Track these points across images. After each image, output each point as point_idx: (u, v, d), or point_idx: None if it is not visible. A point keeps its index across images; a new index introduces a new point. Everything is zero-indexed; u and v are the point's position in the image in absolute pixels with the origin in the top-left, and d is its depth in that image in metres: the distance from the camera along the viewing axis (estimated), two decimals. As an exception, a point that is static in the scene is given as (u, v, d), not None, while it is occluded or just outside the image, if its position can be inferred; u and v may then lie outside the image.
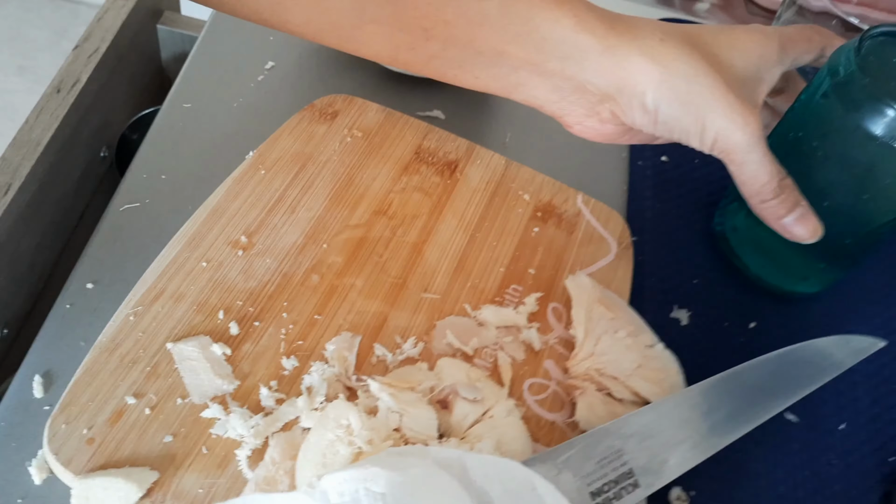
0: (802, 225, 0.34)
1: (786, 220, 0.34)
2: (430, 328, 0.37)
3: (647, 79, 0.32)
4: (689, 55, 0.32)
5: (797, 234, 0.35)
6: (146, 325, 0.35)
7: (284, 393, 0.34)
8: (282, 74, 0.49)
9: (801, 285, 0.44)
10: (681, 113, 0.32)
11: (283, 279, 0.37)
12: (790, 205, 0.34)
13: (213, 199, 0.40)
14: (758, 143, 0.33)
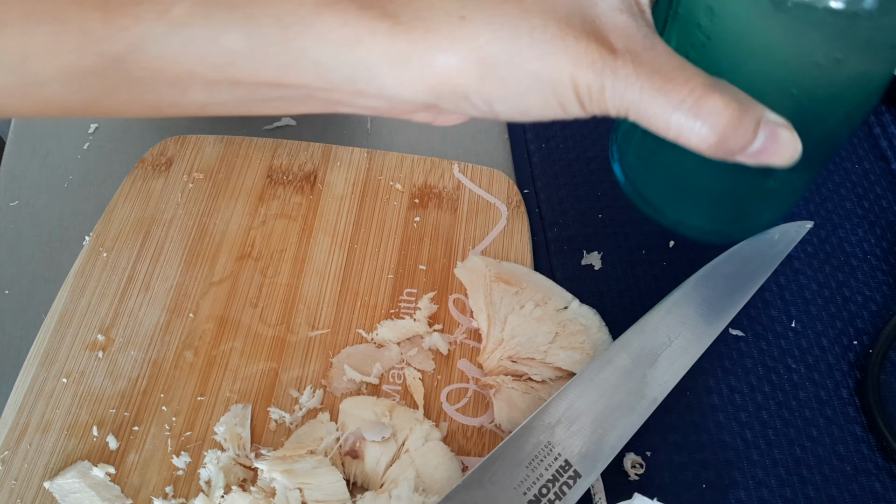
0: (776, 147, 0.23)
1: (751, 150, 0.23)
2: (327, 368, 0.34)
3: (462, 79, 0.22)
4: (500, 25, 0.22)
5: (773, 161, 0.24)
6: (17, 469, 0.31)
7: (183, 496, 0.30)
8: (109, 133, 0.44)
9: (732, 225, 0.34)
10: (522, 101, 0.23)
11: (153, 368, 0.34)
12: (748, 130, 0.22)
13: (58, 304, 0.36)
14: (643, 76, 0.22)
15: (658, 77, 0.22)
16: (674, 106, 0.21)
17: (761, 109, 0.22)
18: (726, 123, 0.21)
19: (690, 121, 0.21)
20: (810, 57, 0.23)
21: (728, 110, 0.21)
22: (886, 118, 0.42)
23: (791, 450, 0.32)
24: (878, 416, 0.33)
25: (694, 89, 0.21)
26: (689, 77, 0.22)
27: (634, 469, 0.31)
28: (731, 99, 0.22)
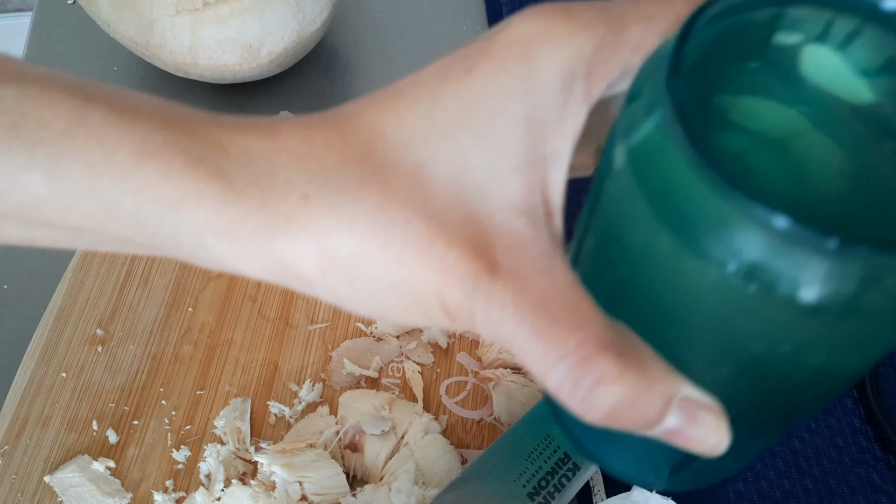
0: (694, 431, 0.17)
1: (661, 430, 0.17)
2: (326, 362, 0.34)
3: (302, 269, 0.17)
4: (348, 214, 0.16)
5: (690, 447, 0.17)
6: (17, 463, 0.31)
7: (183, 490, 0.30)
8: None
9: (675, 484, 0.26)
10: (377, 306, 0.18)
11: (152, 363, 0.34)
12: (652, 407, 0.16)
13: (57, 298, 0.36)
14: (523, 310, 0.16)
15: (542, 315, 0.16)
16: (554, 359, 0.16)
17: (676, 384, 0.16)
18: (618, 399, 0.16)
19: (570, 383, 0.16)
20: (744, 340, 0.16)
21: (623, 382, 0.15)
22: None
23: (789, 441, 0.32)
24: (876, 408, 0.33)
25: (583, 343, 0.16)
26: (580, 324, 0.16)
27: (633, 461, 0.31)
28: (630, 367, 0.16)
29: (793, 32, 0.16)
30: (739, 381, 0.17)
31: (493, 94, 0.16)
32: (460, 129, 0.16)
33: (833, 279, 0.13)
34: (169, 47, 0.40)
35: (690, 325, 0.16)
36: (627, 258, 0.16)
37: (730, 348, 0.16)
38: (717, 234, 0.14)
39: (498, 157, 0.17)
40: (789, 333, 0.15)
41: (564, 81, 0.16)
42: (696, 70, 0.15)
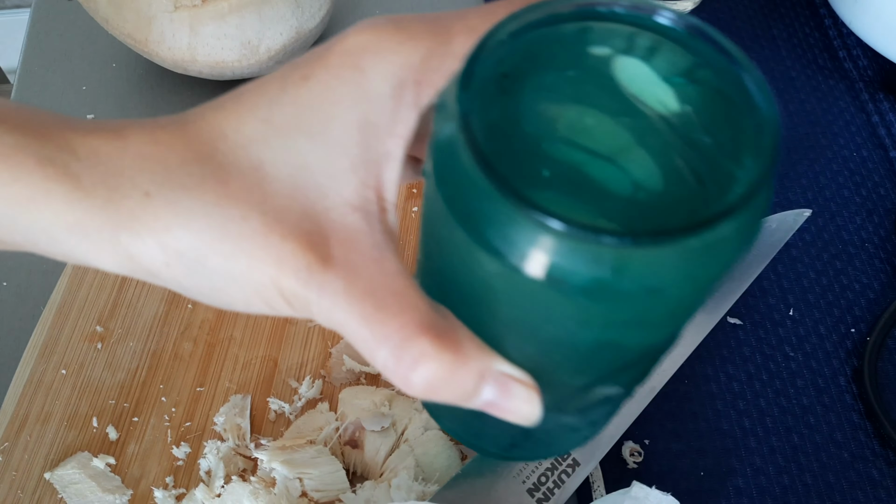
0: (508, 402, 0.19)
1: (479, 402, 0.19)
2: (326, 358, 0.34)
3: (148, 264, 0.18)
4: (186, 210, 0.18)
5: (507, 417, 0.19)
6: (17, 460, 0.31)
7: (183, 486, 0.30)
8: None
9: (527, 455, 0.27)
10: (221, 296, 0.19)
11: (152, 359, 0.34)
12: (467, 381, 0.18)
13: (57, 295, 0.36)
14: (353, 298, 0.18)
15: (369, 302, 0.17)
16: (379, 341, 0.17)
17: (488, 360, 0.18)
18: (433, 374, 0.17)
19: (393, 362, 0.17)
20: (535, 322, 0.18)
21: (438, 359, 0.17)
22: (884, 106, 0.42)
23: (788, 437, 0.32)
24: (876, 404, 0.33)
25: (404, 326, 0.17)
26: (403, 309, 0.17)
27: (633, 457, 0.31)
28: (446, 346, 0.17)
29: (602, 45, 0.17)
30: (544, 357, 0.18)
31: (328, 100, 0.18)
32: (297, 132, 0.18)
33: (586, 265, 0.15)
34: (167, 44, 0.40)
35: (493, 309, 0.18)
36: (440, 250, 0.18)
37: (527, 328, 0.18)
38: (492, 229, 0.15)
39: (334, 158, 0.18)
40: (567, 315, 0.16)
41: (394, 89, 0.18)
42: (514, 78, 0.17)
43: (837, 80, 0.44)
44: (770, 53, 0.45)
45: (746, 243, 0.16)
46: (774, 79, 0.44)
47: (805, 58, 0.45)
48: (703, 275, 0.16)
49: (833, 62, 0.45)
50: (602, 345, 0.18)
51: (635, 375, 0.21)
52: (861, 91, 0.43)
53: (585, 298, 0.15)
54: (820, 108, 0.43)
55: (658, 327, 0.18)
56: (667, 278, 0.15)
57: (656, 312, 0.17)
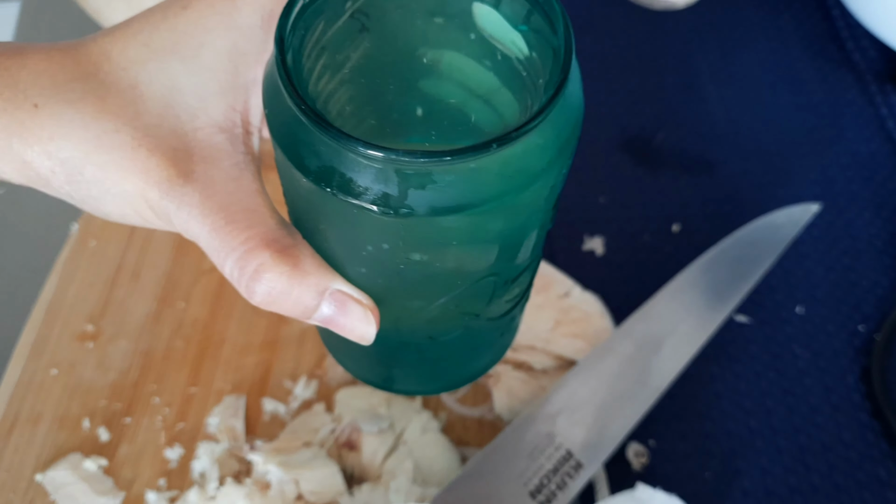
0: (345, 320, 0.20)
1: (318, 317, 0.20)
2: (322, 358, 0.33)
3: (39, 170, 0.20)
4: (67, 121, 0.19)
5: (345, 334, 0.20)
6: (9, 461, 0.31)
7: (177, 488, 0.30)
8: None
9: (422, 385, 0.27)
10: (99, 205, 0.20)
11: (144, 359, 0.33)
12: (305, 296, 0.19)
13: (47, 293, 0.35)
14: (207, 211, 0.19)
15: (221, 215, 0.19)
16: (225, 251, 0.19)
17: (327, 278, 0.19)
18: (272, 285, 0.18)
19: (237, 272, 0.19)
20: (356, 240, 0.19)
21: (277, 271, 0.18)
22: (893, 98, 0.41)
23: (796, 437, 0.32)
24: (884, 403, 0.32)
25: (250, 239, 0.19)
26: (252, 224, 0.19)
27: (638, 458, 0.31)
28: (286, 259, 0.19)
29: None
30: (377, 279, 0.20)
31: (203, 28, 0.20)
32: (173, 56, 0.20)
33: (378, 181, 0.16)
34: (160, 35, 0.39)
35: (323, 230, 0.19)
36: (281, 173, 0.19)
37: (354, 249, 0.19)
38: (299, 146, 0.17)
39: (205, 82, 0.20)
40: (378, 234, 0.18)
41: (264, 21, 0.20)
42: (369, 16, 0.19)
43: (845, 73, 0.43)
44: (777, 45, 0.44)
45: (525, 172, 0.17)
46: (781, 70, 0.43)
47: (812, 49, 0.44)
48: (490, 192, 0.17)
49: (841, 54, 0.44)
50: (418, 266, 0.19)
51: (477, 304, 0.21)
52: (870, 83, 0.42)
53: (386, 216, 0.16)
54: (828, 100, 0.42)
55: (468, 252, 0.19)
56: (452, 198, 0.16)
57: (457, 235, 0.18)
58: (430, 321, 0.21)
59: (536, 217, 0.19)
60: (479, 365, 0.26)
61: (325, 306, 0.19)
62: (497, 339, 0.25)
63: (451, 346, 0.23)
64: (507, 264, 0.20)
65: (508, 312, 0.23)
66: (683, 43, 0.45)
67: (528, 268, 0.22)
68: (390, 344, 0.22)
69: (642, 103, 0.42)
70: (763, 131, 0.41)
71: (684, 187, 0.39)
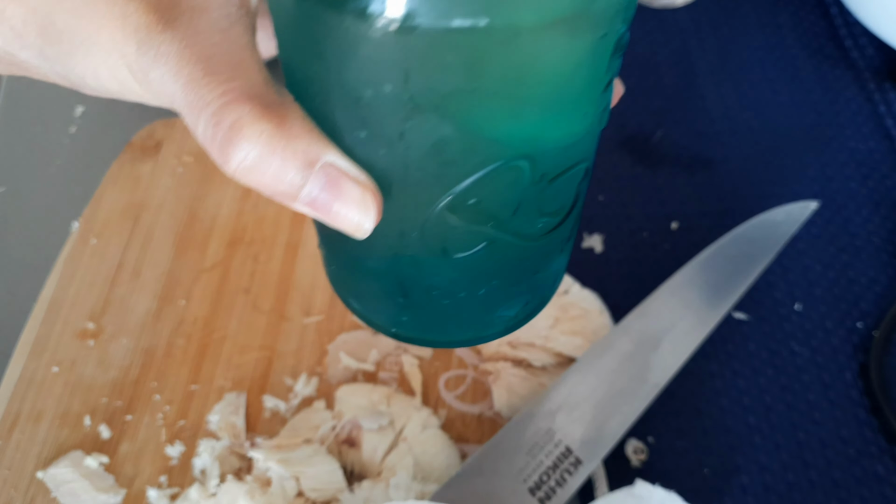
0: (334, 201, 0.16)
1: (302, 197, 0.16)
2: (322, 356, 0.33)
3: (11, 18, 0.18)
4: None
5: (333, 222, 0.17)
6: (10, 458, 0.31)
7: (178, 485, 0.30)
8: (96, 117, 0.43)
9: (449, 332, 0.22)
10: (71, 62, 0.18)
11: (145, 357, 0.33)
12: (289, 166, 0.16)
13: (48, 291, 0.35)
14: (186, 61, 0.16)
15: (201, 67, 0.16)
16: (199, 106, 0.16)
17: (318, 145, 0.16)
18: (251, 147, 0.15)
19: (211, 129, 0.15)
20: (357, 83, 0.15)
21: (257, 128, 0.15)
22: (891, 96, 0.42)
23: (794, 434, 0.32)
24: (882, 399, 0.32)
25: (229, 91, 0.15)
26: (234, 77, 0.16)
27: (637, 455, 0.31)
28: (270, 116, 0.15)
29: None
30: (378, 148, 0.16)
31: None
32: None
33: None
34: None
35: (315, 75, 0.16)
36: (270, 6, 0.17)
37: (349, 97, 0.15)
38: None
39: None
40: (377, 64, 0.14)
41: None
42: None
43: (843, 70, 0.43)
44: (776, 42, 0.45)
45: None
46: (779, 68, 0.43)
47: (811, 47, 0.44)
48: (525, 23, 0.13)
49: (839, 52, 0.44)
50: (427, 127, 0.15)
51: (503, 207, 0.17)
52: (868, 81, 0.42)
53: (385, 32, 0.13)
54: (826, 98, 0.42)
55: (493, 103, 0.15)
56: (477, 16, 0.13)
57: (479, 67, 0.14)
58: (444, 226, 0.17)
59: (590, 72, 0.15)
60: (504, 312, 0.21)
61: (313, 184, 0.16)
62: (530, 275, 0.20)
63: (470, 270, 0.19)
64: (545, 144, 0.16)
65: (543, 236, 0.19)
66: (682, 41, 0.45)
67: (572, 173, 0.18)
68: (396, 262, 0.18)
69: (641, 101, 0.42)
70: (761, 129, 0.41)
71: (683, 185, 0.39)
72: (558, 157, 0.17)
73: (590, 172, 0.19)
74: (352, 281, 0.21)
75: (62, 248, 0.36)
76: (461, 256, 0.18)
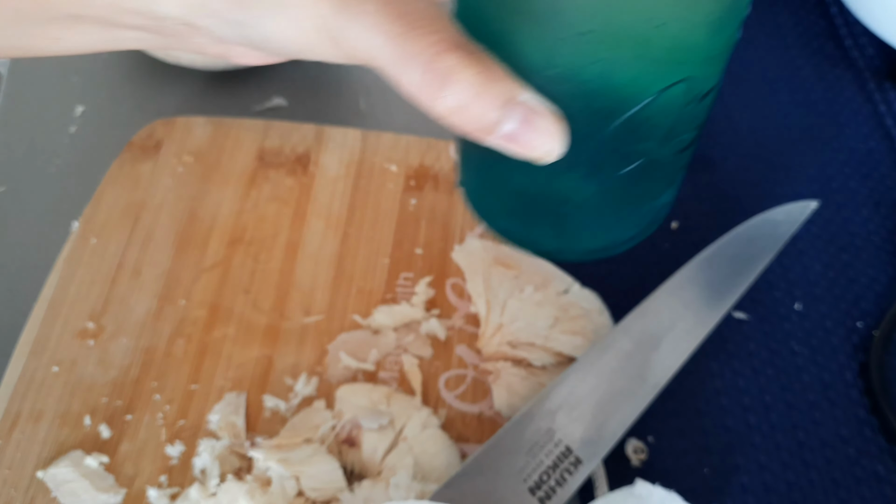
0: (529, 134, 0.19)
1: (500, 132, 0.19)
2: (322, 355, 0.33)
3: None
4: None
5: (526, 152, 0.19)
6: (10, 458, 0.31)
7: (178, 485, 0.30)
8: (95, 117, 0.43)
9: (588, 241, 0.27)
10: (264, 26, 0.20)
11: (145, 356, 0.33)
12: (491, 105, 0.19)
13: (48, 291, 0.35)
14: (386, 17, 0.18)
15: (401, 23, 0.18)
16: (408, 57, 0.18)
17: (515, 87, 0.18)
18: (461, 90, 0.18)
19: (419, 78, 0.18)
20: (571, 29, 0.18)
21: (466, 73, 0.18)
22: (891, 95, 0.42)
23: (794, 433, 0.32)
24: (882, 399, 0.32)
25: (436, 43, 0.18)
26: (438, 29, 0.18)
27: (637, 455, 0.31)
28: (476, 63, 0.18)
29: None
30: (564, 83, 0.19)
31: None
32: None
33: None
34: (159, 33, 0.39)
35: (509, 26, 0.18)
36: None
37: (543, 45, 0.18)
38: None
39: None
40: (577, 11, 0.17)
41: None
42: None
43: (843, 70, 0.43)
44: (775, 42, 0.45)
45: None
46: (779, 68, 0.43)
47: (811, 47, 0.44)
48: None
49: (839, 51, 0.44)
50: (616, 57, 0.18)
51: (657, 128, 0.20)
52: (868, 81, 0.42)
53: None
54: (826, 97, 0.42)
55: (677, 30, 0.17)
56: None
57: None
58: (608, 148, 0.20)
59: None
60: (636, 224, 0.25)
61: (509, 120, 0.18)
62: (664, 188, 0.24)
63: (620, 187, 0.22)
64: (705, 65, 0.19)
65: (681, 153, 0.22)
66: (682, 40, 0.45)
67: (714, 92, 0.21)
68: (557, 182, 0.21)
69: (641, 101, 0.42)
70: (761, 129, 0.41)
71: (683, 185, 0.39)
72: (709, 77, 0.20)
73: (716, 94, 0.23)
74: (503, 204, 0.25)
75: (62, 247, 0.36)
76: (616, 175, 0.21)
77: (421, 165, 0.38)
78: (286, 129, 0.40)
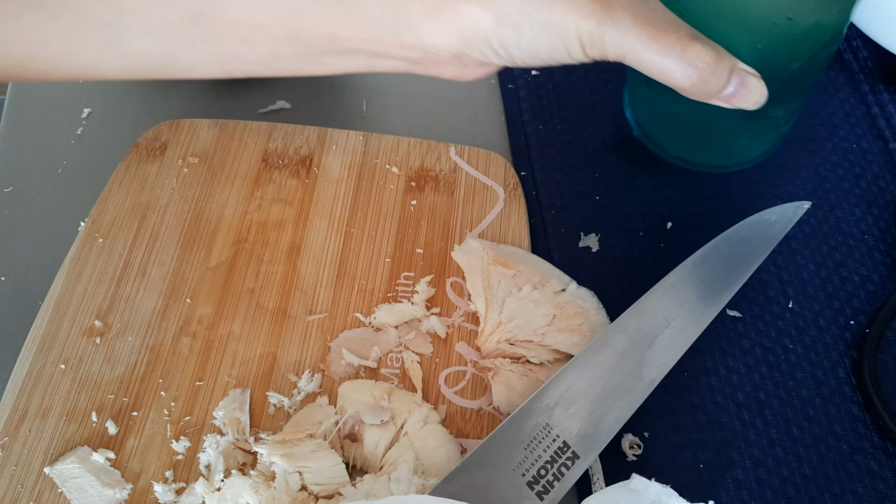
0: (745, 92, 0.28)
1: (725, 94, 0.28)
2: (325, 352, 0.34)
3: (483, 26, 0.27)
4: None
5: (743, 104, 0.29)
6: (17, 455, 0.31)
7: (183, 480, 0.30)
8: (102, 118, 0.44)
9: (726, 158, 0.39)
10: (533, 46, 0.28)
11: (151, 354, 0.33)
12: (723, 76, 0.27)
13: (55, 290, 0.35)
14: (639, 26, 0.26)
15: (651, 28, 0.26)
16: (664, 51, 0.26)
17: (734, 60, 0.27)
18: (705, 67, 0.26)
19: (676, 63, 0.26)
20: (768, 18, 0.30)
21: (707, 57, 0.26)
22: (884, 97, 0.42)
23: (788, 429, 0.32)
24: (875, 396, 0.33)
25: (681, 38, 0.26)
26: (677, 28, 0.27)
27: (632, 450, 0.31)
28: (710, 48, 0.26)
29: None
30: (764, 55, 0.30)
31: None
32: None
33: None
34: (164, 37, 0.40)
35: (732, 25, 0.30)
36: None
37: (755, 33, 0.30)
38: None
39: None
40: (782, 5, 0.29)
41: None
42: None
43: (837, 72, 0.44)
44: (770, 45, 0.45)
45: None
46: (774, 71, 0.44)
47: (805, 49, 0.45)
48: None
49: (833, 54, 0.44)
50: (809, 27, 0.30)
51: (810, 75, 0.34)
52: (861, 82, 0.43)
53: None
54: (819, 99, 0.43)
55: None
56: None
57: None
58: (779, 88, 0.32)
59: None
60: (764, 144, 0.39)
61: (732, 82, 0.27)
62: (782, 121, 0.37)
63: (769, 115, 0.35)
64: (845, 23, 0.31)
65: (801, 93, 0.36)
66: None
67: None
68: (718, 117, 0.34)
69: (638, 103, 0.43)
70: (757, 130, 0.42)
71: (678, 185, 0.39)
72: (843, 26, 0.32)
73: None
74: (673, 133, 0.39)
75: (69, 247, 0.37)
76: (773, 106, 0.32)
77: (421, 167, 0.39)
78: (290, 131, 0.40)
